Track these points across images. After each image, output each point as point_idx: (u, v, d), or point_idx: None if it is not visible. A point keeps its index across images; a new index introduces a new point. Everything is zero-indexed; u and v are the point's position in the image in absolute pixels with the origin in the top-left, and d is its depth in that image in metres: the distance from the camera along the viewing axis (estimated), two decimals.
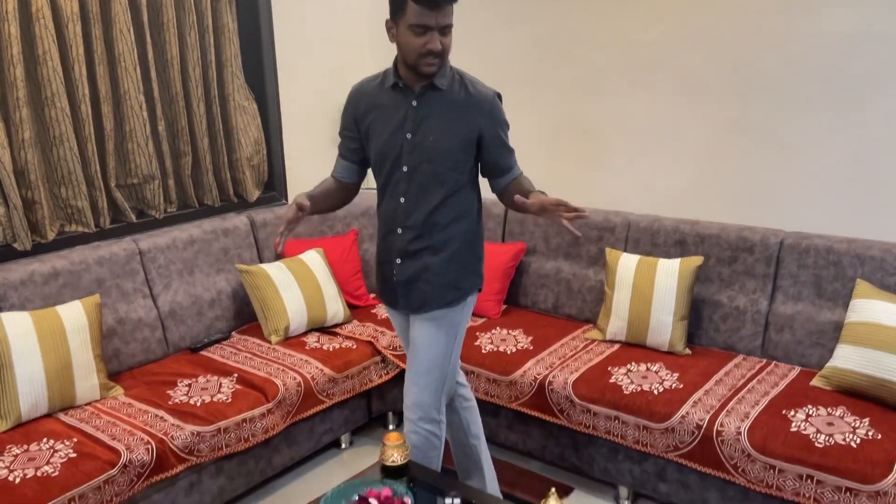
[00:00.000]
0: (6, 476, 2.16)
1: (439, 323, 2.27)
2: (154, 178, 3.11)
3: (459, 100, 2.14)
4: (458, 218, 2.23)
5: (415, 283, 2.25)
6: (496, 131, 2.19)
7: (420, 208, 2.19)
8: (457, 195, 2.21)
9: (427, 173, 2.16)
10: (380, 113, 2.19)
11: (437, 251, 2.23)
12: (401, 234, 2.23)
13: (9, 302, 2.59)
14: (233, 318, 3.25)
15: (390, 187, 2.22)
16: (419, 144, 2.14)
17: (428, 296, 2.25)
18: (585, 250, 3.29)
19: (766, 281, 2.86)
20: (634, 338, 2.94)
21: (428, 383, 2.28)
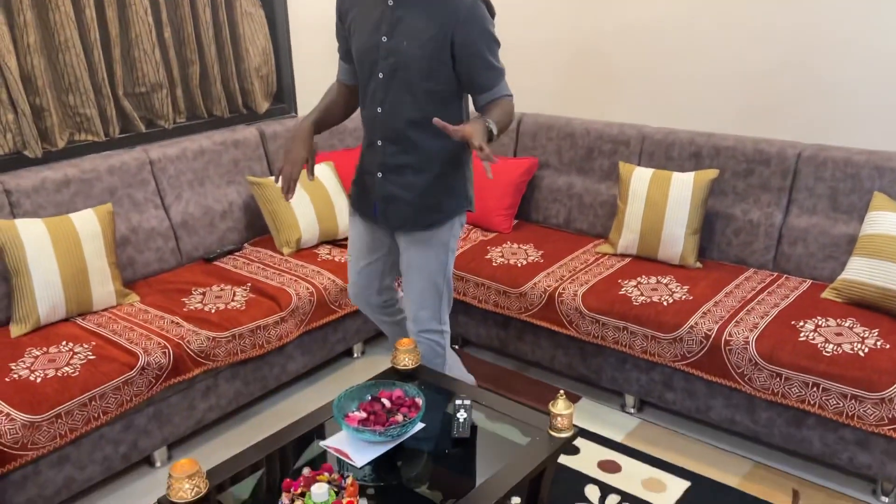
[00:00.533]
0: (27, 376, 2.22)
1: (426, 244, 2.23)
2: (162, 86, 3.07)
3: (438, 5, 1.98)
4: (439, 135, 2.04)
5: (395, 200, 2.18)
6: (472, 40, 1.99)
7: (397, 120, 2.08)
8: (438, 109, 2.05)
9: (402, 81, 2.04)
10: (359, 12, 2.09)
11: (420, 170, 2.13)
12: (381, 146, 2.14)
13: (22, 208, 2.60)
14: (245, 230, 3.26)
15: (369, 94, 2.11)
16: (394, 49, 2.02)
17: (408, 216, 2.19)
18: (598, 164, 3.25)
19: (781, 194, 2.82)
20: (646, 251, 2.94)
21: (424, 301, 2.30)
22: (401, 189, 2.16)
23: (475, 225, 3.39)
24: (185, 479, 1.59)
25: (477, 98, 2.10)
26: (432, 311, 2.33)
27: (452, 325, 3.16)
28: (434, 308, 2.33)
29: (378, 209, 2.22)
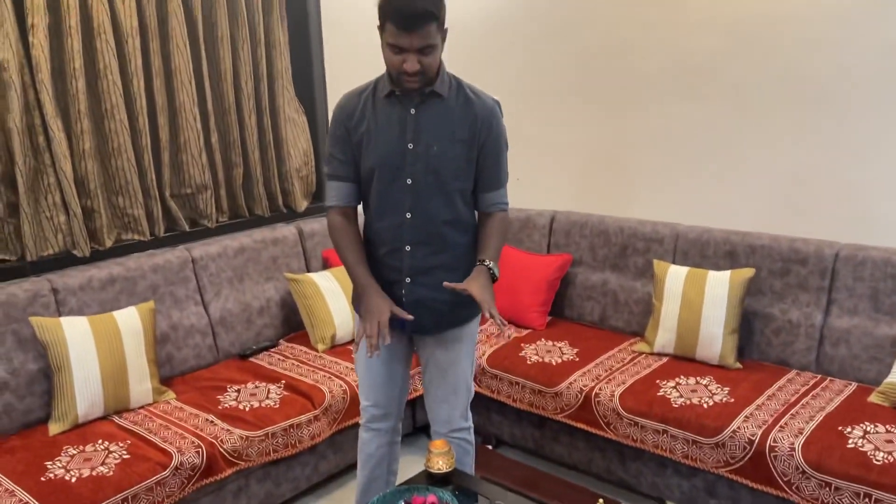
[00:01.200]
0: (63, 475, 2.22)
1: (457, 341, 2.22)
2: (207, 188, 3.19)
3: (459, 106, 2.05)
4: (465, 230, 2.13)
5: (427, 303, 2.13)
6: (493, 140, 2.09)
7: (430, 223, 2.09)
8: (464, 206, 2.12)
9: (433, 185, 2.06)
10: (375, 123, 2.06)
11: (451, 268, 2.12)
12: (410, 251, 2.11)
13: (67, 306, 2.68)
14: (281, 326, 3.30)
15: (391, 202, 2.09)
16: (422, 154, 2.04)
17: (443, 317, 2.16)
18: (633, 262, 3.26)
19: (820, 294, 2.78)
20: (683, 351, 2.90)
21: (455, 400, 2.28)
22: (434, 291, 2.12)
23: (509, 321, 3.39)
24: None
25: (483, 196, 2.15)
26: (462, 409, 2.31)
27: (485, 424, 3.12)
28: (464, 406, 2.31)
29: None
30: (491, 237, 2.14)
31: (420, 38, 1.89)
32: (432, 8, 1.87)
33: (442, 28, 1.95)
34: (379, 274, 2.16)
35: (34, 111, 2.66)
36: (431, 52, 1.94)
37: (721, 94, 3.13)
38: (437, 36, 1.94)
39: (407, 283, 2.14)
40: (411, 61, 1.92)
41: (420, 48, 1.91)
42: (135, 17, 2.86)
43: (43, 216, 2.76)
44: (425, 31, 1.89)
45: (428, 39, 1.91)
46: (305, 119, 3.53)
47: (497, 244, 2.13)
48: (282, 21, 3.36)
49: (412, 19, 1.86)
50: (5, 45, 2.55)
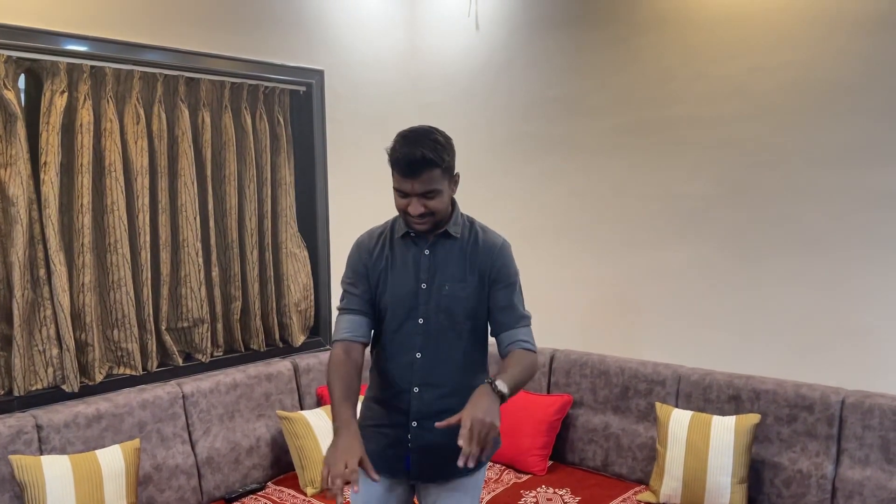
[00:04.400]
0: None
1: (462, 490, 2.10)
2: (204, 321, 3.17)
3: (471, 247, 2.06)
4: (478, 371, 2.08)
5: (435, 450, 2.02)
6: (505, 278, 2.07)
7: (441, 364, 2.03)
8: (475, 347, 2.08)
9: (444, 324, 2.03)
10: (391, 262, 2.08)
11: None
12: (418, 392, 2.03)
13: (50, 444, 2.58)
14: (270, 467, 3.17)
15: (401, 341, 2.05)
16: (435, 294, 2.03)
17: (451, 463, 1.96)
18: (635, 404, 3.17)
19: (829, 442, 2.69)
20: (691, 501, 2.76)
21: None
22: (442, 436, 1.96)
23: (507, 465, 3.26)
24: None
25: (501, 336, 2.07)
26: None
27: None
28: None
29: (412, 461, 2.07)
30: (511, 364, 1.98)
31: (422, 184, 1.93)
32: (433, 156, 1.92)
33: (448, 173, 1.99)
34: (385, 417, 2.08)
35: (38, 244, 2.69)
36: (435, 196, 1.97)
37: (716, 238, 3.17)
38: (442, 181, 1.97)
39: (413, 427, 2.05)
40: (415, 205, 1.96)
41: (423, 193, 1.95)
42: (146, 157, 2.96)
43: (35, 349, 2.72)
44: (426, 176, 1.93)
45: (430, 185, 1.94)
46: (307, 254, 3.57)
47: (515, 371, 1.94)
48: (288, 161, 3.48)
49: (413, 166, 1.91)
50: (16, 181, 2.61)
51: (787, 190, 2.98)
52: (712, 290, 3.20)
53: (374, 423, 2.10)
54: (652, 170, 3.35)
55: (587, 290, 3.60)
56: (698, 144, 3.20)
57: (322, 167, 3.62)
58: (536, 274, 3.63)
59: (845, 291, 2.85)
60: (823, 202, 2.89)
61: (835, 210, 2.86)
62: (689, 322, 3.28)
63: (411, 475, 2.09)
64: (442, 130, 2.01)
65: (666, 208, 3.32)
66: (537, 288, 2.68)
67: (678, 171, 3.27)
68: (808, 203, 2.93)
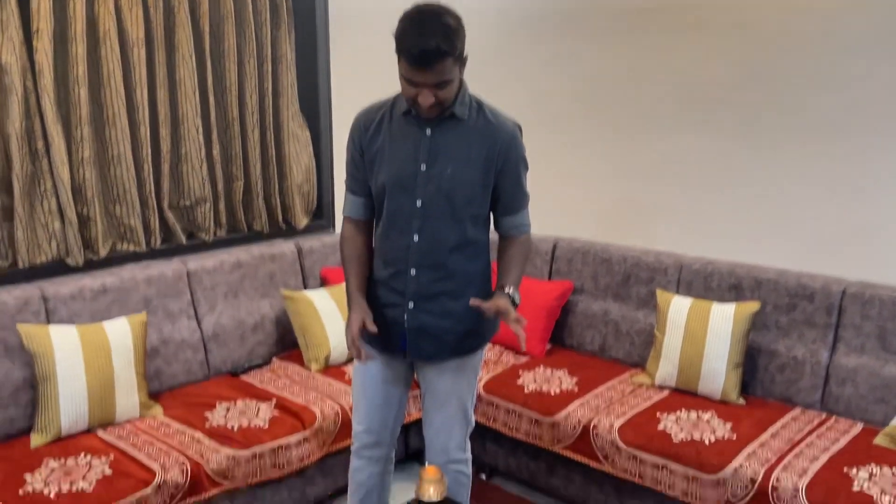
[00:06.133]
0: (41, 489, 2.15)
1: (460, 371, 2.15)
2: (206, 200, 3.15)
3: (479, 129, 1.99)
4: (475, 257, 2.07)
5: (430, 330, 2.07)
6: (513, 164, 2.03)
7: (437, 247, 2.02)
8: (475, 232, 2.05)
9: (444, 209, 2.00)
10: (389, 141, 2.02)
11: (457, 296, 2.04)
12: (415, 275, 2.04)
13: (58, 315, 2.62)
14: (274, 344, 3.23)
15: (399, 223, 2.03)
16: (435, 177, 1.98)
17: (446, 345, 2.09)
18: (635, 292, 3.20)
19: (826, 331, 2.72)
20: (685, 384, 2.83)
21: (453, 430, 2.21)
22: (437, 318, 2.06)
23: (507, 347, 3.32)
24: None
25: (502, 220, 2.11)
26: (459, 440, 2.24)
27: (480, 453, 3.03)
28: (461, 436, 2.24)
29: (408, 341, 2.10)
30: (512, 263, 2.08)
31: (434, 75, 1.85)
32: (445, 46, 1.81)
33: (460, 59, 1.90)
34: (382, 296, 2.11)
35: (34, 116, 2.62)
36: (446, 86, 1.90)
37: (731, 125, 3.10)
38: (453, 69, 1.88)
39: (410, 308, 2.07)
40: (425, 95, 1.89)
41: (434, 84, 1.87)
42: (141, 27, 2.84)
43: (38, 222, 2.71)
44: (438, 68, 1.84)
45: (442, 76, 1.86)
46: (309, 135, 3.50)
47: (518, 271, 2.08)
48: (289, 36, 3.34)
49: (424, 57, 1.82)
50: (8, 48, 2.52)
51: (805, 76, 2.88)
52: (723, 179, 3.16)
53: (374, 303, 2.13)
54: (667, 53, 3.23)
55: (593, 178, 3.56)
56: (715, 27, 3.07)
57: (324, 43, 3.49)
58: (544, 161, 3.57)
59: (857, 186, 2.82)
60: (842, 90, 2.80)
61: (852, 99, 2.77)
62: (696, 211, 3.26)
63: (408, 354, 2.13)
64: (451, 10, 1.89)
65: (680, 94, 3.22)
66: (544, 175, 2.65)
67: (693, 54, 3.15)
68: (827, 91, 2.83)
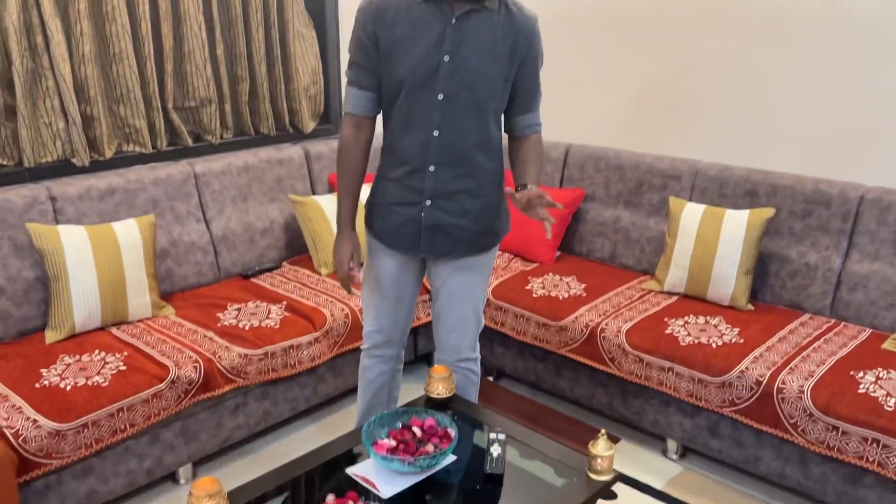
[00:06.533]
0: (57, 383, 2.19)
1: (473, 270, 2.15)
2: (211, 101, 3.08)
3: (503, 20, 1.92)
4: (493, 155, 2.03)
5: (447, 229, 2.03)
6: (533, 59, 1.99)
7: (459, 143, 1.96)
8: (494, 129, 2.00)
9: (467, 102, 1.92)
10: (409, 30, 1.90)
11: (475, 194, 2.02)
12: (434, 171, 1.98)
13: (65, 215, 2.61)
14: (284, 248, 3.23)
15: (419, 117, 1.95)
16: (459, 68, 1.90)
17: (462, 242, 2.07)
18: (647, 199, 3.16)
19: (840, 237, 2.69)
20: (694, 290, 2.82)
21: (464, 329, 2.22)
22: (455, 216, 2.03)
23: (516, 254, 3.31)
24: (206, 498, 1.52)
25: (517, 118, 2.07)
26: (470, 339, 2.25)
27: (487, 355, 3.08)
28: (472, 335, 2.25)
29: (423, 240, 2.07)
30: (530, 162, 2.05)
31: None
32: None
33: None
34: (396, 195, 2.06)
35: (32, 8, 2.54)
36: None
37: (755, 26, 2.98)
38: None
39: (427, 205, 2.03)
40: None
41: None
42: None
43: (41, 121, 2.67)
44: None
45: None
46: (315, 35, 3.39)
47: (537, 169, 2.06)
48: None
49: None
50: None
51: None
52: (740, 83, 3.06)
53: (387, 201, 2.09)
54: None
55: (609, 82, 3.46)
56: None
57: None
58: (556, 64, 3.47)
59: (882, 88, 2.71)
60: None
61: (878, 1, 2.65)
62: (712, 116, 3.18)
63: (423, 253, 2.11)
64: None
65: None
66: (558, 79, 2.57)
67: None
68: None
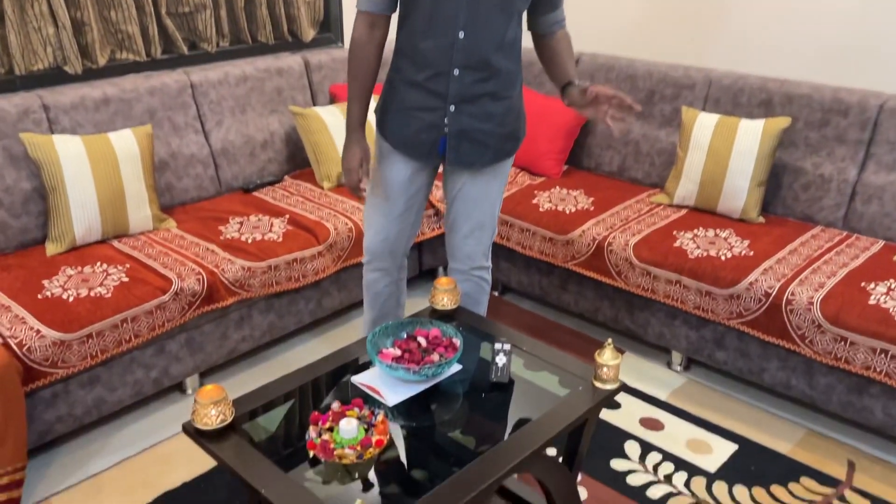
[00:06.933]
0: (60, 294, 2.18)
1: (493, 175, 2.11)
2: (206, 6, 2.95)
3: None
4: (514, 57, 1.97)
5: (473, 133, 1.99)
6: None
7: (484, 45, 1.88)
8: (515, 29, 1.93)
9: (494, 1, 1.85)
10: None
11: (498, 98, 1.97)
12: (458, 75, 1.91)
13: (60, 125, 2.54)
14: (285, 162, 3.17)
15: (443, 18, 1.86)
16: None
17: (487, 148, 2.02)
18: (659, 109, 3.06)
19: (858, 147, 2.61)
20: (704, 203, 2.77)
21: (481, 237, 2.20)
22: (479, 121, 1.97)
23: (523, 168, 3.24)
24: (211, 406, 1.52)
25: (545, 17, 2.00)
26: (485, 247, 2.23)
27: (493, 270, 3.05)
28: (487, 244, 2.23)
29: (449, 148, 2.01)
30: (566, 56, 2.04)
31: None
32: None
33: None
34: (417, 100, 1.98)
35: None
36: None
37: None
38: None
39: (451, 111, 1.96)
40: None
41: None
42: None
43: (30, 26, 2.56)
44: None
45: None
46: None
47: (573, 62, 2.06)
48: None
49: None
50: None
51: None
52: None
53: (405, 106, 2.01)
54: None
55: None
56: None
57: None
58: None
59: None
60: None
61: None
62: (728, 22, 3.03)
63: (448, 160, 2.05)
64: None
65: None
66: None
67: None
68: None
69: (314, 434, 1.52)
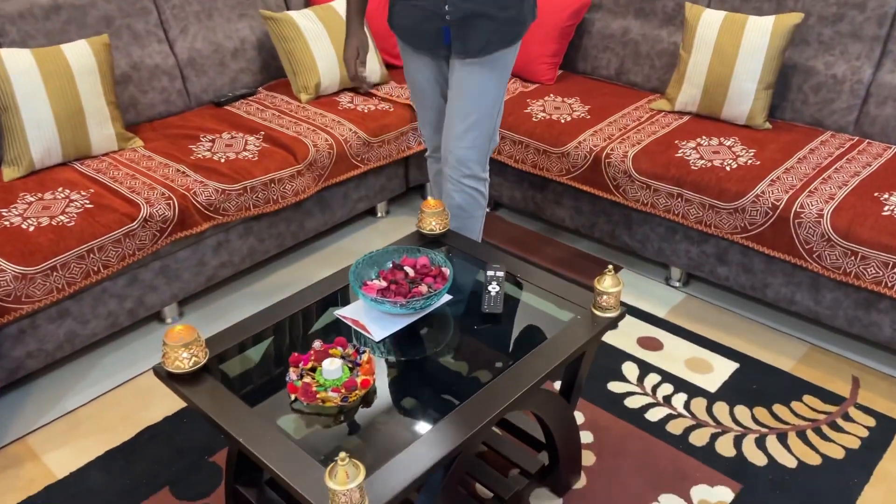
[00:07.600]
0: (19, 223, 2.03)
1: (493, 66, 2.00)
2: None
3: None
4: None
5: (475, 20, 1.93)
6: None
7: None
8: None
9: None
10: None
11: None
12: None
13: (8, 37, 2.32)
14: (259, 72, 2.95)
15: None
16: None
17: (491, 35, 1.94)
18: (661, 6, 2.83)
19: (874, 45, 2.42)
20: (708, 109, 2.60)
21: (476, 137, 2.06)
22: (481, 5, 1.90)
23: (514, 75, 3.04)
24: (182, 349, 1.41)
25: None
26: (480, 153, 2.10)
27: None
28: (483, 148, 2.10)
29: (451, 35, 1.96)
30: None
31: None
32: None
33: None
34: None
35: None
36: None
37: None
38: None
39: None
40: None
41: None
42: None
43: None
44: None
45: None
46: None
47: None
48: None
49: None
50: None
51: None
52: None
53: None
54: None
55: None
56: None
57: None
58: None
59: None
60: None
61: None
62: None
63: (454, 49, 1.99)
64: None
65: None
66: None
67: None
68: None
69: (294, 376, 1.41)
